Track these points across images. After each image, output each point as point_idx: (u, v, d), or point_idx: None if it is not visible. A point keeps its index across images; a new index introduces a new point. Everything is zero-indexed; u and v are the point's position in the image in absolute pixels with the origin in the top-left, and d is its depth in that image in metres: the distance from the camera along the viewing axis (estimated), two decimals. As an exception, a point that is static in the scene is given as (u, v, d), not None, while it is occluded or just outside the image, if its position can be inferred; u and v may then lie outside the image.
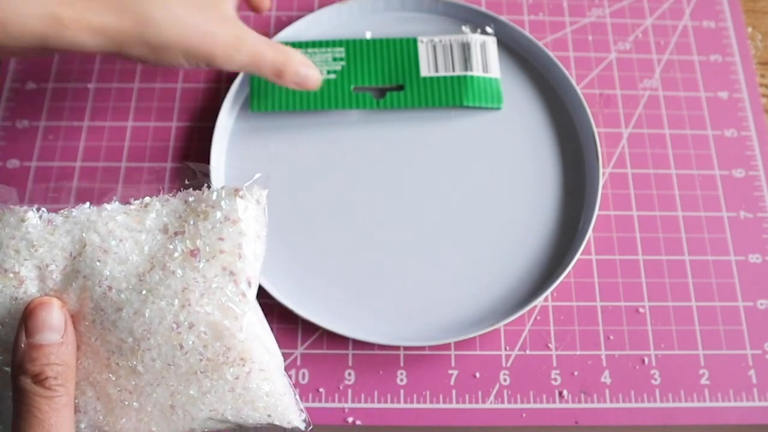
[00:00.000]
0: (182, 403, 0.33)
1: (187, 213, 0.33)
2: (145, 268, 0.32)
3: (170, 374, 0.32)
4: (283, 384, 0.35)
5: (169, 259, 0.32)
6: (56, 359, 0.30)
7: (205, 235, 0.33)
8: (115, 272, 0.32)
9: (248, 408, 0.34)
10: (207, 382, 0.33)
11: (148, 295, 0.32)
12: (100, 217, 0.33)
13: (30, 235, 0.33)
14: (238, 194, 0.34)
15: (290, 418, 0.35)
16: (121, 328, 0.32)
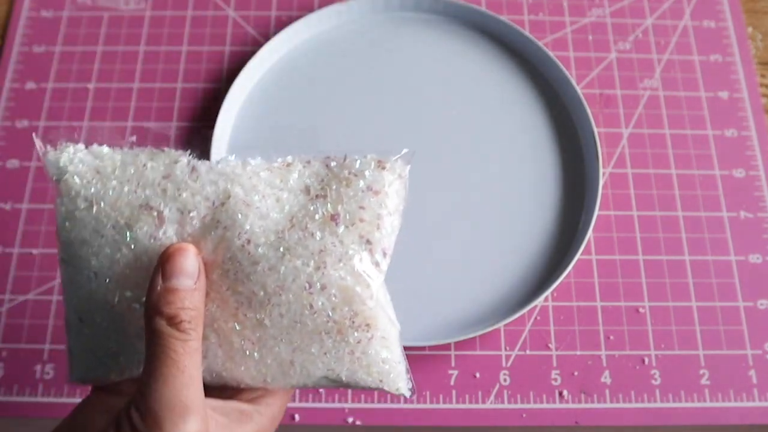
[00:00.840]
0: (302, 360, 0.34)
1: (329, 178, 0.34)
2: (284, 226, 0.33)
3: (295, 331, 0.33)
4: (399, 353, 0.36)
5: (310, 220, 0.33)
6: (189, 304, 0.31)
7: (346, 201, 0.33)
8: (255, 227, 0.33)
9: (363, 372, 0.35)
10: (330, 342, 0.33)
11: (285, 252, 0.33)
12: (244, 171, 0.34)
13: (177, 178, 0.33)
14: (382, 166, 0.34)
15: (399, 386, 0.36)
16: (255, 282, 0.33)
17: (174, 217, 0.33)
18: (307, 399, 0.50)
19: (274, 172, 0.34)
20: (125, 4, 0.64)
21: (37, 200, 0.56)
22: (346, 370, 0.34)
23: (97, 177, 0.34)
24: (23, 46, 0.62)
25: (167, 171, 0.33)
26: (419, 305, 0.52)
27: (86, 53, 0.62)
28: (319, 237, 0.33)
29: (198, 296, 0.32)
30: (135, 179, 0.33)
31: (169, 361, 0.30)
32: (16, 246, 0.55)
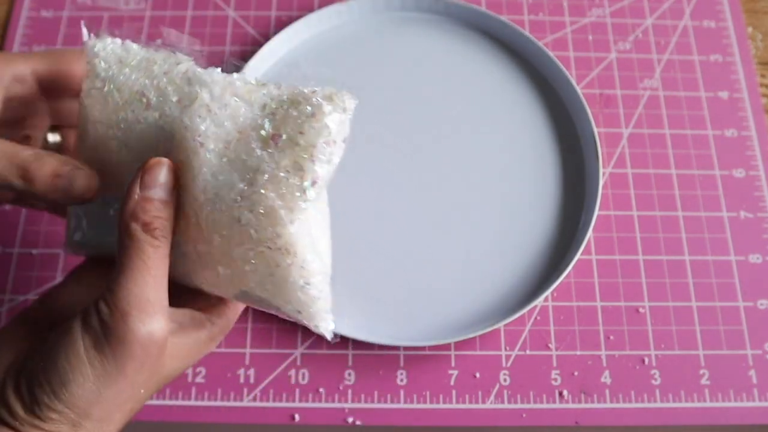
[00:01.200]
0: (231, 271, 0.35)
1: (286, 101, 0.35)
2: (233, 137, 0.34)
3: (226, 242, 0.35)
4: (321, 290, 0.36)
5: (254, 136, 0.34)
6: (163, 214, 0.33)
7: (290, 124, 0.34)
8: (209, 131, 0.34)
9: (281, 298, 0.36)
10: (253, 260, 0.35)
11: (227, 162, 0.34)
12: (221, 81, 0.36)
13: (172, 76, 0.37)
14: (329, 97, 0.35)
15: (318, 323, 0.37)
16: (198, 186, 0.34)
17: (157, 106, 0.36)
18: (307, 399, 0.50)
19: (247, 87, 0.36)
20: (125, 4, 0.64)
21: (37, 200, 0.56)
22: (267, 291, 0.36)
23: (118, 65, 0.37)
24: (23, 46, 0.62)
25: (168, 69, 0.37)
26: (419, 305, 0.52)
27: (86, 53, 0.62)
28: (258, 154, 0.34)
29: (169, 208, 0.34)
30: (143, 70, 0.37)
31: (140, 263, 0.32)
32: (16, 246, 0.55)
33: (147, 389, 0.34)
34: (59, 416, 0.32)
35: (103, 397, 0.32)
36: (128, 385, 0.33)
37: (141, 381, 0.33)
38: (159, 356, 0.33)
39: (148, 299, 0.32)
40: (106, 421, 0.33)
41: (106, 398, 0.32)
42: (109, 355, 0.32)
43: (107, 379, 0.32)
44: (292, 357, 0.51)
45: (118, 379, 0.32)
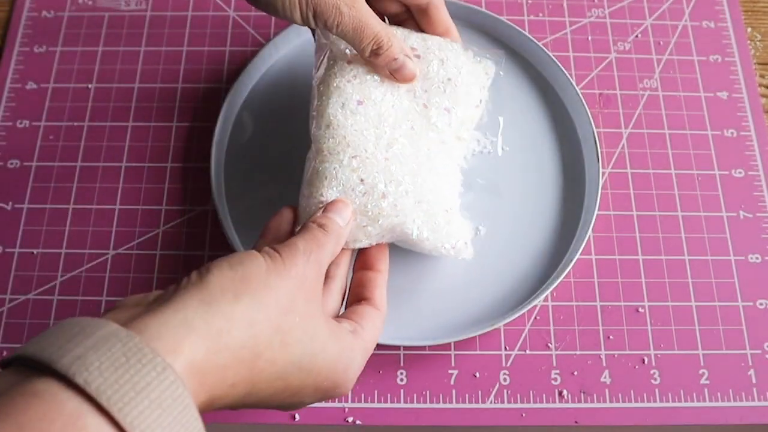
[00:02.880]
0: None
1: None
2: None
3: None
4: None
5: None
6: (335, 227, 0.42)
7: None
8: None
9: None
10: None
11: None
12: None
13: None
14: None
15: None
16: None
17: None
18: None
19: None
20: (126, 5, 0.65)
21: (38, 200, 0.56)
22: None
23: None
24: (24, 46, 0.62)
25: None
26: (419, 305, 0.52)
27: (87, 53, 0.62)
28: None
29: (340, 232, 0.42)
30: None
31: (311, 237, 0.40)
32: (16, 246, 0.55)
33: (301, 318, 0.36)
34: (230, 282, 0.34)
35: (271, 283, 0.35)
36: (288, 294, 0.35)
37: (296, 301, 0.36)
38: (311, 289, 0.37)
39: (312, 250, 0.38)
40: (264, 311, 0.34)
41: (272, 285, 0.35)
42: (278, 258, 0.37)
43: (275, 271, 0.36)
44: (293, 357, 0.51)
45: (284, 275, 0.36)
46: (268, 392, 0.35)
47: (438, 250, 0.48)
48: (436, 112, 0.49)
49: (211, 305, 0.32)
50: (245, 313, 0.33)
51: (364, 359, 0.40)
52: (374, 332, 0.42)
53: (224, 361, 0.32)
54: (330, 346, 0.37)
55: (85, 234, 0.55)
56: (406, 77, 0.48)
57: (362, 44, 0.45)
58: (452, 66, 0.49)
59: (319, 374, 0.37)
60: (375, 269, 0.45)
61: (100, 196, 0.57)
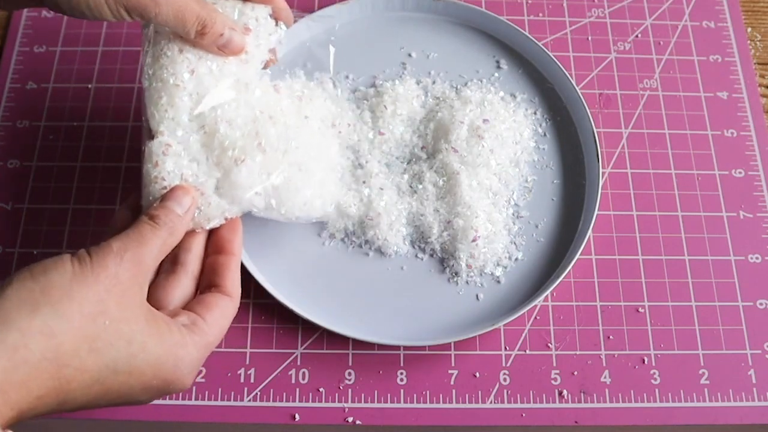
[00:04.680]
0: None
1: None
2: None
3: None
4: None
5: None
6: (171, 217, 0.41)
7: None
8: None
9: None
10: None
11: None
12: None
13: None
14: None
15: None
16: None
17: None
18: (307, 399, 0.50)
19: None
20: (125, 5, 0.64)
21: (38, 200, 0.56)
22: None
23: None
24: (24, 46, 0.62)
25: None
26: (419, 305, 0.52)
27: (87, 53, 0.62)
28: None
29: (181, 222, 0.41)
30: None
31: (136, 234, 0.39)
32: (16, 246, 0.55)
33: (111, 322, 0.35)
34: (29, 294, 0.34)
35: (74, 292, 0.34)
36: (96, 298, 0.35)
37: (107, 305, 0.35)
38: (126, 290, 0.37)
39: (129, 249, 0.38)
40: (66, 321, 0.34)
41: (74, 294, 0.34)
42: (87, 262, 0.36)
43: (81, 277, 0.35)
44: (293, 357, 0.51)
45: (90, 282, 0.35)
46: (87, 398, 0.35)
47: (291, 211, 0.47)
48: (253, 66, 0.48)
49: (6, 321, 0.32)
50: (44, 325, 0.33)
51: (203, 352, 0.40)
52: (222, 321, 0.41)
53: (24, 376, 0.32)
54: (152, 346, 0.37)
55: (85, 234, 0.55)
56: (235, 50, 0.46)
57: (186, 28, 0.43)
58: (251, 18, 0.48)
59: (143, 374, 0.36)
60: (227, 252, 0.44)
61: (100, 196, 0.57)
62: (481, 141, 0.55)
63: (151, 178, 0.43)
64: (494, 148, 0.55)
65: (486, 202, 0.54)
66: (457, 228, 0.53)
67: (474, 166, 0.54)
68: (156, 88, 0.44)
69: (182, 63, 0.44)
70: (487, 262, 0.53)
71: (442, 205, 0.54)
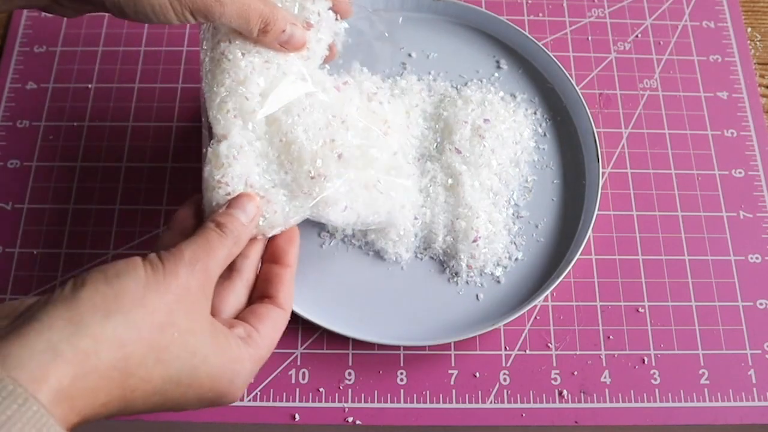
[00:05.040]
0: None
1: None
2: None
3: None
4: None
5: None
6: (235, 228, 0.40)
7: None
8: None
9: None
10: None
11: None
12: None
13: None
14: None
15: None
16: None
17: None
18: (307, 399, 0.50)
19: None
20: (125, 5, 0.64)
21: (38, 200, 0.56)
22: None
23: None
24: (24, 46, 0.62)
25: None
26: (419, 305, 0.52)
27: (87, 53, 0.62)
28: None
29: (245, 231, 0.40)
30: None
31: (204, 242, 0.38)
32: (16, 246, 0.55)
33: (180, 333, 0.35)
34: (102, 299, 0.33)
35: (147, 300, 0.34)
36: (166, 309, 0.34)
37: (176, 316, 0.35)
38: (195, 301, 0.36)
39: (200, 258, 0.37)
40: (136, 331, 0.33)
41: (147, 303, 0.34)
42: (159, 268, 0.35)
43: (154, 285, 0.34)
44: (293, 356, 0.51)
45: (162, 290, 0.34)
46: (146, 406, 0.35)
47: (366, 223, 0.47)
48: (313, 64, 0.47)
49: (79, 326, 0.31)
50: (115, 333, 0.32)
51: (256, 366, 0.39)
52: (273, 335, 0.41)
53: (93, 384, 0.31)
54: (213, 358, 0.36)
55: (85, 234, 0.55)
56: (296, 46, 0.45)
57: (249, 26, 0.43)
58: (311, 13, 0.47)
59: (201, 387, 0.36)
60: (283, 263, 0.43)
61: (100, 196, 0.57)
62: (483, 141, 0.55)
63: (215, 183, 0.42)
64: (495, 148, 0.55)
65: (487, 203, 0.54)
66: (459, 229, 0.53)
67: (476, 166, 0.54)
68: (218, 92, 0.43)
69: (245, 67, 0.44)
70: (487, 262, 0.53)
71: (446, 207, 0.54)
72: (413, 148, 0.56)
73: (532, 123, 0.59)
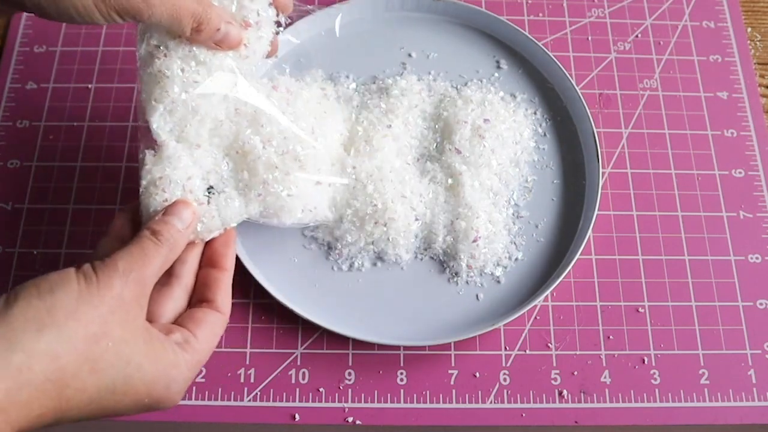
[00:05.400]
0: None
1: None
2: None
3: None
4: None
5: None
6: (172, 233, 0.40)
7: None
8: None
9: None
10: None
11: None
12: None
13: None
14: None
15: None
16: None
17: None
18: (307, 399, 0.50)
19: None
20: (125, 5, 0.64)
21: (38, 200, 0.56)
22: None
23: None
24: (24, 46, 0.62)
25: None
26: (419, 305, 0.52)
27: (87, 53, 0.62)
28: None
29: (182, 238, 0.41)
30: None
31: (139, 250, 0.38)
32: (16, 246, 0.55)
33: (114, 343, 0.35)
34: (35, 314, 0.33)
35: (80, 313, 0.34)
36: (101, 320, 0.35)
37: (110, 326, 0.35)
38: (129, 310, 0.36)
39: (134, 269, 0.37)
40: (71, 344, 0.33)
41: (80, 315, 0.34)
42: (93, 281, 0.36)
43: (87, 297, 0.35)
44: (293, 357, 0.51)
45: (96, 302, 0.35)
46: (81, 415, 0.35)
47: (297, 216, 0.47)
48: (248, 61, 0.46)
49: (12, 341, 0.32)
50: (49, 347, 0.33)
51: (193, 372, 0.40)
52: (212, 339, 0.41)
53: (26, 397, 0.32)
54: (148, 366, 0.37)
55: (85, 234, 0.55)
56: (231, 44, 0.44)
57: (181, 26, 0.42)
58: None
59: (137, 393, 0.36)
60: (220, 267, 0.43)
61: (100, 196, 0.57)
62: (483, 141, 0.55)
63: (152, 189, 0.42)
64: (495, 148, 0.55)
65: (487, 203, 0.54)
66: (459, 230, 0.53)
67: (476, 166, 0.54)
68: (156, 107, 0.43)
69: (176, 60, 0.43)
70: (487, 262, 0.53)
71: (446, 207, 0.54)
72: (413, 148, 0.56)
73: (532, 123, 0.59)
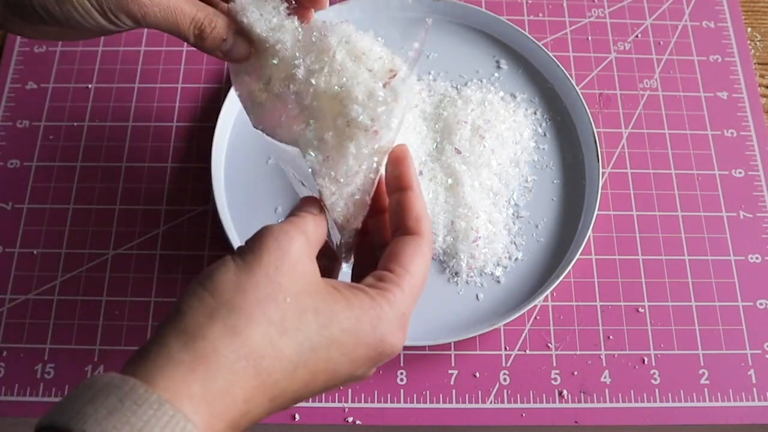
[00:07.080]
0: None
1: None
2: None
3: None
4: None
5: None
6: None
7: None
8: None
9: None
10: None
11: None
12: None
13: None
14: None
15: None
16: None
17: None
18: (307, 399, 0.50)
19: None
20: (125, 5, 0.64)
21: (38, 200, 0.56)
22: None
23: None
24: (24, 46, 0.62)
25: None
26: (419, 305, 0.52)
27: (87, 53, 0.62)
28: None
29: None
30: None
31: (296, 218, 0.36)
32: (16, 246, 0.55)
33: (291, 297, 0.33)
34: (200, 302, 0.32)
35: (242, 284, 0.32)
36: (266, 279, 0.33)
37: (280, 282, 0.33)
38: (296, 261, 0.34)
39: (291, 224, 0.35)
40: (246, 314, 0.32)
41: (245, 287, 0.32)
42: (247, 251, 0.34)
43: (246, 269, 0.33)
44: (293, 357, 0.51)
45: (254, 269, 0.33)
46: (295, 386, 0.33)
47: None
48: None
49: (187, 333, 0.31)
50: (225, 326, 0.31)
51: (403, 304, 0.37)
52: (417, 263, 0.38)
53: (224, 382, 0.30)
54: (341, 312, 0.34)
55: (85, 234, 0.55)
56: (239, 58, 0.41)
57: (180, 31, 0.40)
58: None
59: (343, 345, 0.34)
60: (402, 187, 0.39)
61: (100, 196, 0.57)
62: (483, 141, 0.55)
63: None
64: (495, 148, 0.55)
65: (487, 203, 0.54)
66: (459, 230, 0.53)
67: (476, 166, 0.54)
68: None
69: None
70: (487, 262, 0.53)
71: (446, 207, 0.54)
72: (413, 148, 0.56)
73: (532, 123, 0.59)
